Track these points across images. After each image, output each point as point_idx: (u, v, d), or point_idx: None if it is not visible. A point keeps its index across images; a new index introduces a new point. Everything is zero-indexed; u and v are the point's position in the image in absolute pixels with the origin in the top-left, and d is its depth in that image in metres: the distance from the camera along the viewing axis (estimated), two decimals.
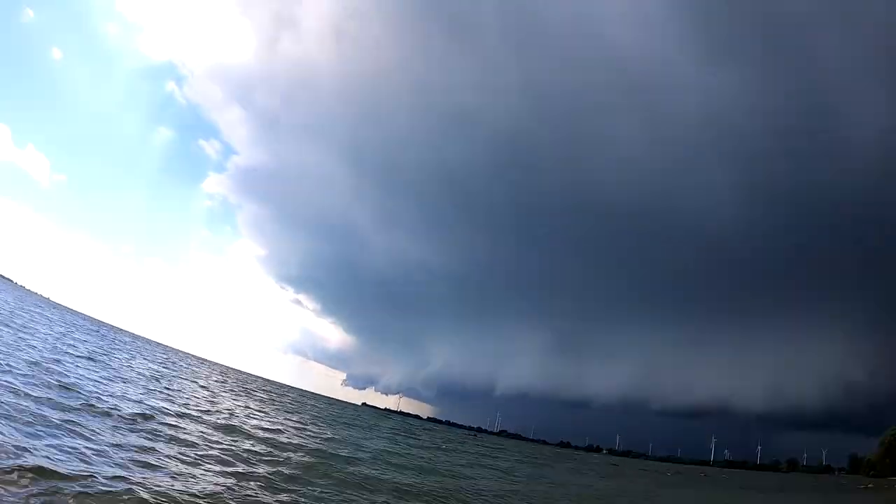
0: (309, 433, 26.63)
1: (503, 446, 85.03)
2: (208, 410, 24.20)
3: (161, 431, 15.21)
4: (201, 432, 17.22)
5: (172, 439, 14.77)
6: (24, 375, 16.22)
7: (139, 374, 31.35)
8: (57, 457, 10.08)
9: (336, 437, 28.77)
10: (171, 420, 17.56)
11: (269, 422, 27.25)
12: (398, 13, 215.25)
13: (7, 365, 16.82)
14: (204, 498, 10.32)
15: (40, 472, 9.00)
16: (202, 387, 40.34)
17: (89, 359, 29.23)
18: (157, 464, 11.83)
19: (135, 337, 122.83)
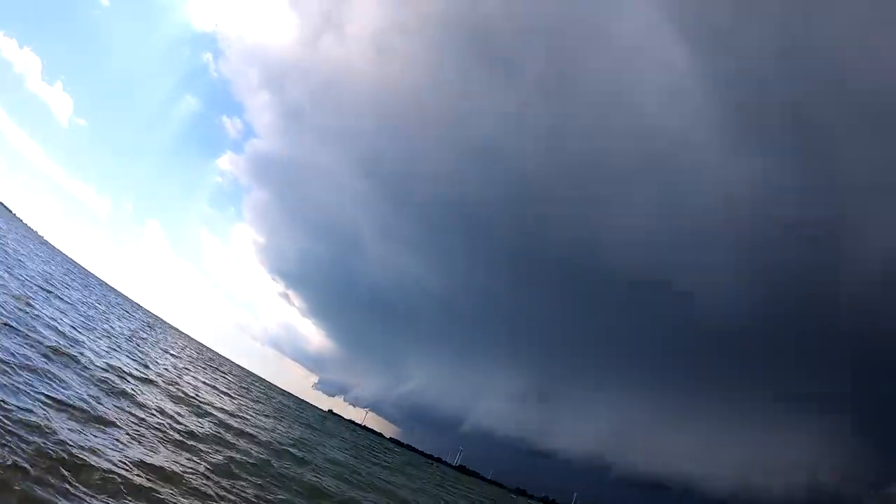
0: (264, 425, 26.17)
1: (460, 481, 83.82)
2: (172, 381, 23.69)
3: (113, 389, 14.78)
4: (157, 401, 16.78)
5: (123, 398, 14.41)
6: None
7: (112, 330, 30.86)
8: None
9: (293, 435, 28.33)
10: (130, 383, 17.14)
11: (229, 405, 26.87)
12: (442, 37, 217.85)
13: None
14: (137, 466, 9.94)
15: None
16: (174, 356, 39.85)
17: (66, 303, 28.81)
18: (94, 423, 11.24)
19: (117, 293, 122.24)
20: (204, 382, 32.85)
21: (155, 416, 14.59)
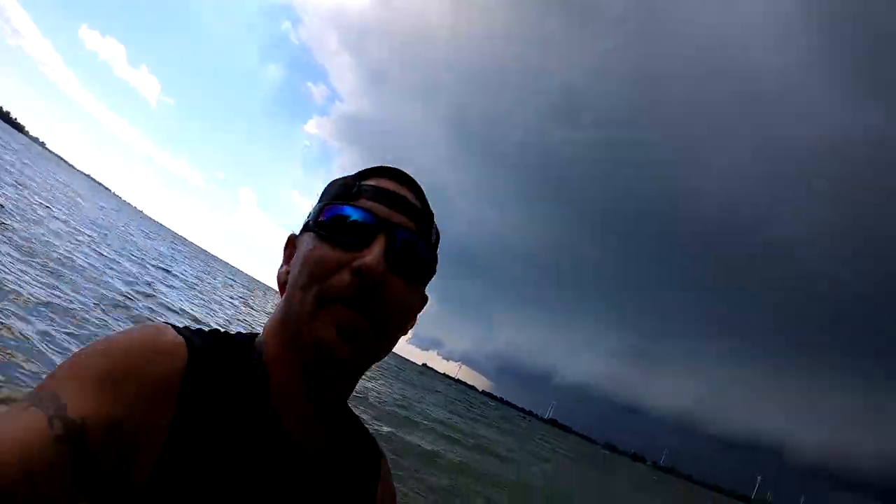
0: (369, 385, 25.75)
1: (549, 434, 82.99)
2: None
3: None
4: None
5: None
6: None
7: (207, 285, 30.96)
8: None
9: (395, 394, 27.99)
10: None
11: None
12: None
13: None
14: None
15: None
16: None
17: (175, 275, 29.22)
18: None
19: (217, 259, 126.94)
20: None
21: None
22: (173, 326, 0.78)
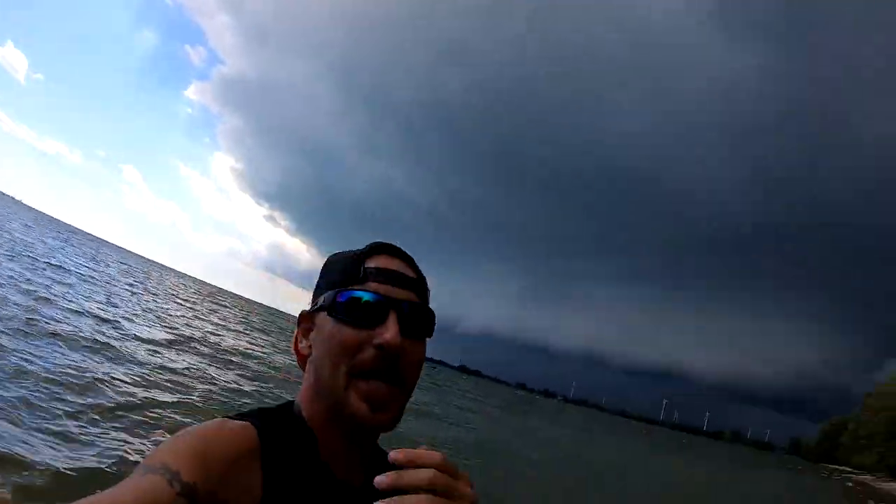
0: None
1: (460, 381, 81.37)
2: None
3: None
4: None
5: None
6: None
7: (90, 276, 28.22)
8: None
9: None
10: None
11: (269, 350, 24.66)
12: None
13: None
14: None
15: None
16: (178, 301, 38.00)
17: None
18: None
19: (104, 243, 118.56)
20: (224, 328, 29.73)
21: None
22: (229, 417, 0.95)
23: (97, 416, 7.27)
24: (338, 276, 1.00)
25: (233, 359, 16.94)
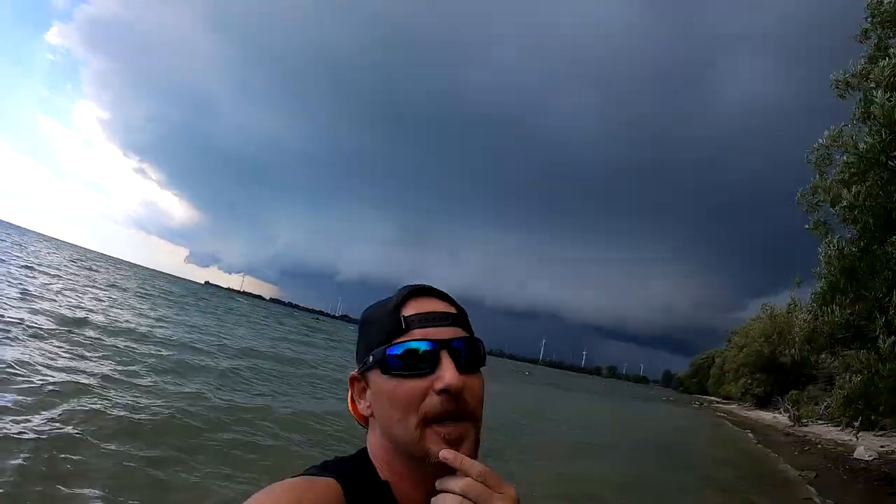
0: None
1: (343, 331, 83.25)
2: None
3: None
4: None
5: None
6: None
7: None
8: None
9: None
10: None
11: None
12: None
13: None
14: None
15: None
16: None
17: None
18: None
19: None
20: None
21: None
22: (311, 471, 0.97)
23: None
24: (380, 332, 1.01)
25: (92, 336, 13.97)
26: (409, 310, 1.00)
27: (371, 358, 1.00)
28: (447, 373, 0.93)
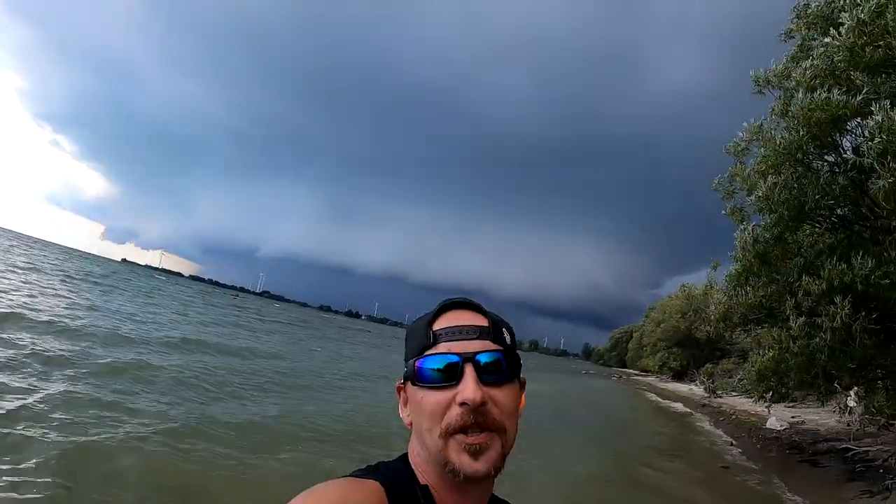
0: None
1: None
2: None
3: None
4: None
5: None
6: None
7: None
8: None
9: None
10: None
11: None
12: None
13: None
14: None
15: None
16: None
17: None
18: None
19: None
20: None
21: None
22: (355, 473, 1.02)
23: None
24: (415, 345, 1.06)
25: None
26: (441, 323, 1.03)
27: (406, 369, 1.06)
28: (467, 387, 0.96)
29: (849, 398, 16.22)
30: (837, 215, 11.27)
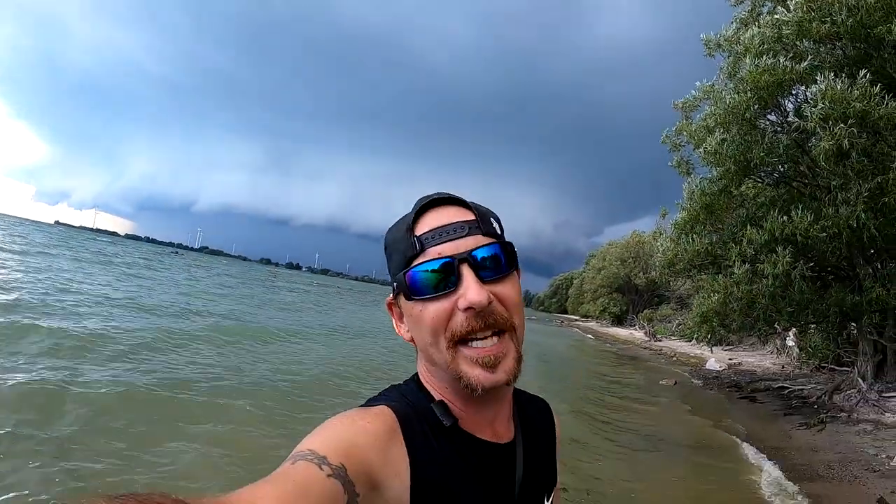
0: None
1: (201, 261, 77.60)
2: None
3: None
4: None
5: None
6: None
7: None
8: None
9: None
10: None
11: None
12: None
13: None
14: None
15: None
16: None
17: None
18: None
19: None
20: None
21: None
22: (366, 403, 0.99)
23: None
24: (399, 256, 0.97)
25: None
26: (423, 226, 0.94)
27: (395, 284, 0.98)
28: (469, 289, 0.89)
29: (788, 338, 17.76)
30: (779, 172, 12.17)
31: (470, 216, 0.95)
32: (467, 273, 0.90)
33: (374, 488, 0.83)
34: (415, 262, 0.92)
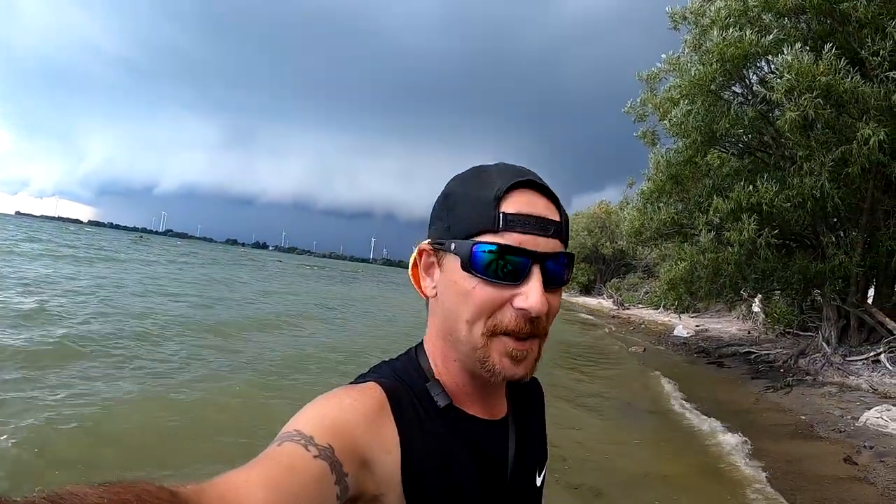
0: None
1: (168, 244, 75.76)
2: None
3: None
4: None
5: None
6: None
7: None
8: None
9: None
10: None
11: None
12: None
13: None
14: None
15: None
16: None
17: None
18: None
19: None
20: None
21: None
22: (356, 380, 0.96)
23: None
24: (469, 218, 0.89)
25: None
26: (511, 205, 0.87)
27: (453, 245, 0.89)
28: (532, 293, 0.85)
29: (754, 305, 18.29)
30: (744, 142, 12.43)
31: (556, 216, 0.90)
32: (536, 276, 0.86)
33: (363, 466, 0.82)
34: (487, 237, 0.86)
